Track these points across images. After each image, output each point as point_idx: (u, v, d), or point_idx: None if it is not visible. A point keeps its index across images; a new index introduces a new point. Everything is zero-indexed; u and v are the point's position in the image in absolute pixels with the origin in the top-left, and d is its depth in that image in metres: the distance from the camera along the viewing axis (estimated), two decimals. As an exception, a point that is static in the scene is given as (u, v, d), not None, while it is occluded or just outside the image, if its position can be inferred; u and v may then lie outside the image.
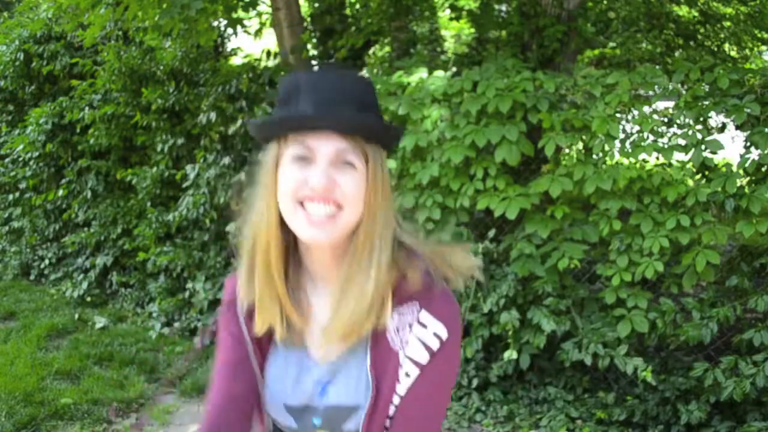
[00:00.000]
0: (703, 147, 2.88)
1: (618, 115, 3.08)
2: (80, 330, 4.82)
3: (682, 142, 2.94)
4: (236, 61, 5.14)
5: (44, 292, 5.76)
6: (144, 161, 5.22)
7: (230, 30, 4.98)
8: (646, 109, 3.07)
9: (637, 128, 3.03)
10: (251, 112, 4.26)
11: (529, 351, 3.08)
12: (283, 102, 0.95)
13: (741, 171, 2.87)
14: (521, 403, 3.20)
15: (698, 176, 2.99)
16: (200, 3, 3.05)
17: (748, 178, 2.90)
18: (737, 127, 2.93)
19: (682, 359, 3.03)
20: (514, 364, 3.11)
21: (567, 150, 3.55)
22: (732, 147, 3.16)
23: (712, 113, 2.98)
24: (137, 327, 4.88)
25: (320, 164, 0.91)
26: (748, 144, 2.85)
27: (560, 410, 3.02)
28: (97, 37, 4.45)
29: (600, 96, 3.06)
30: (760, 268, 2.96)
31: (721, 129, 3.02)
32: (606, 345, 2.85)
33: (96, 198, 5.41)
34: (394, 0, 4.57)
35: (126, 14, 3.61)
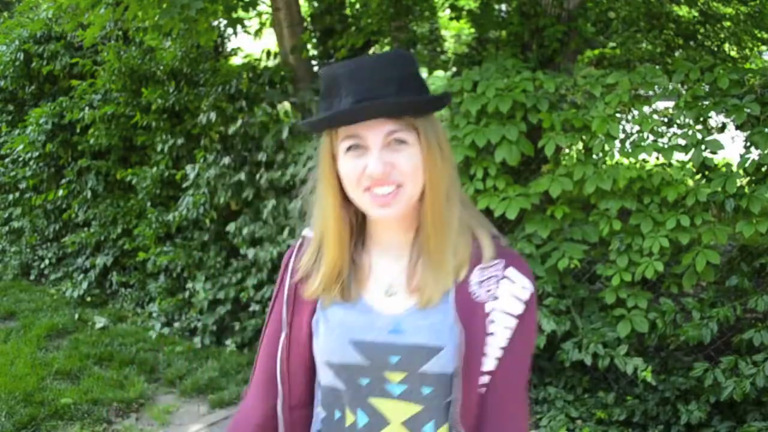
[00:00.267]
0: (703, 147, 2.88)
1: (618, 115, 3.08)
2: (80, 330, 4.83)
3: (682, 142, 2.94)
4: (236, 61, 5.14)
5: (44, 292, 5.77)
6: (144, 161, 5.23)
7: (230, 30, 4.98)
8: (646, 109, 3.07)
9: (637, 128, 3.03)
10: (251, 112, 4.26)
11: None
12: (325, 96, 0.98)
13: (741, 171, 2.87)
14: (521, 403, 3.19)
15: (698, 176, 2.99)
16: (200, 3, 3.05)
17: (748, 178, 2.89)
18: (737, 127, 2.93)
19: (682, 359, 3.03)
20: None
21: (567, 150, 3.55)
22: (732, 147, 3.16)
23: (712, 113, 2.98)
24: (137, 327, 4.89)
25: (374, 151, 0.94)
26: (748, 144, 2.85)
27: (560, 410, 3.01)
28: (97, 37, 4.45)
29: (600, 96, 3.06)
30: (760, 268, 2.96)
31: (721, 129, 3.02)
32: (606, 345, 2.85)
33: (96, 198, 5.41)
34: (394, 0, 4.56)
35: (126, 14, 3.61)
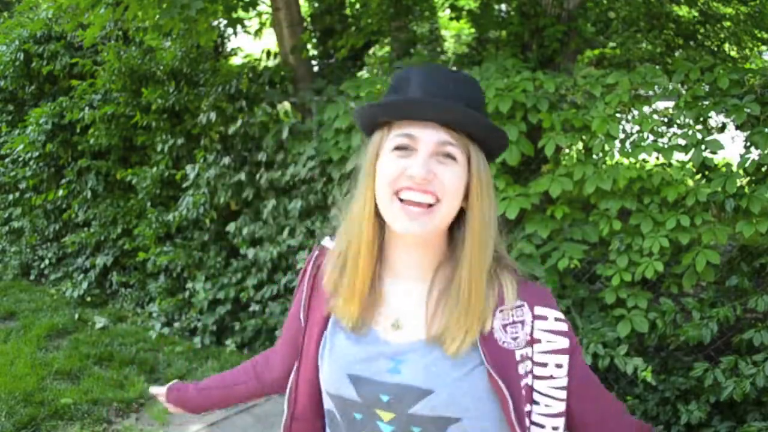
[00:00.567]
0: (703, 147, 2.88)
1: (618, 115, 3.08)
2: (80, 330, 4.83)
3: (682, 142, 2.94)
4: (236, 61, 5.14)
5: (44, 292, 5.77)
6: (144, 161, 5.23)
7: (230, 30, 4.98)
8: (646, 109, 3.07)
9: (637, 128, 3.03)
10: (251, 112, 4.26)
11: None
12: (393, 91, 0.96)
13: (741, 171, 2.87)
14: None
15: (698, 176, 2.99)
16: (200, 3, 3.05)
17: (748, 178, 2.89)
18: (737, 127, 2.93)
19: (682, 359, 3.03)
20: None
21: (567, 150, 3.55)
22: (732, 147, 3.16)
23: (712, 113, 2.98)
24: (137, 327, 4.89)
25: (421, 154, 0.91)
26: (748, 144, 2.85)
27: (560, 410, 3.01)
28: (97, 37, 4.45)
29: (600, 96, 3.06)
30: (760, 268, 2.96)
31: (721, 129, 3.02)
32: (606, 345, 2.85)
33: (96, 198, 5.41)
34: (394, 0, 4.56)
35: (126, 14, 3.61)
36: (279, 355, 1.22)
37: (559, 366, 0.96)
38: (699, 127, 2.92)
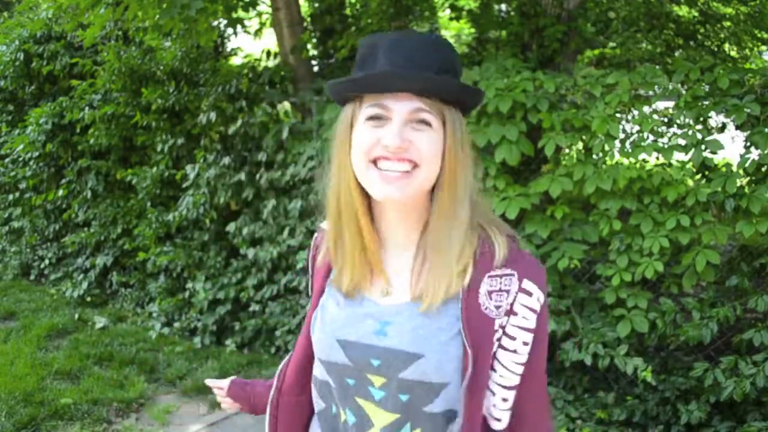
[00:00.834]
0: (703, 147, 2.88)
1: (618, 115, 3.08)
2: (80, 330, 4.83)
3: (682, 142, 2.94)
4: (236, 61, 5.15)
5: (44, 292, 5.77)
6: (144, 161, 5.23)
7: (230, 30, 4.98)
8: (646, 109, 3.07)
9: (637, 128, 3.04)
10: (251, 112, 4.26)
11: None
12: (361, 62, 0.96)
13: (741, 171, 2.87)
14: (521, 403, 3.20)
15: (698, 176, 2.99)
16: (200, 3, 3.05)
17: (748, 178, 2.90)
18: (737, 127, 2.93)
19: (682, 359, 3.03)
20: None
21: (567, 150, 3.55)
22: (732, 147, 3.17)
23: (712, 113, 2.98)
24: (137, 327, 4.89)
25: (395, 123, 0.91)
26: (748, 144, 2.85)
27: (560, 410, 3.01)
28: (97, 37, 4.45)
29: (600, 96, 3.07)
30: (760, 268, 2.96)
31: (721, 129, 3.03)
32: (606, 345, 2.85)
33: (96, 198, 5.41)
34: (394, 0, 4.56)
35: (126, 14, 3.61)
36: None
37: (526, 344, 0.96)
38: (699, 127, 2.93)
